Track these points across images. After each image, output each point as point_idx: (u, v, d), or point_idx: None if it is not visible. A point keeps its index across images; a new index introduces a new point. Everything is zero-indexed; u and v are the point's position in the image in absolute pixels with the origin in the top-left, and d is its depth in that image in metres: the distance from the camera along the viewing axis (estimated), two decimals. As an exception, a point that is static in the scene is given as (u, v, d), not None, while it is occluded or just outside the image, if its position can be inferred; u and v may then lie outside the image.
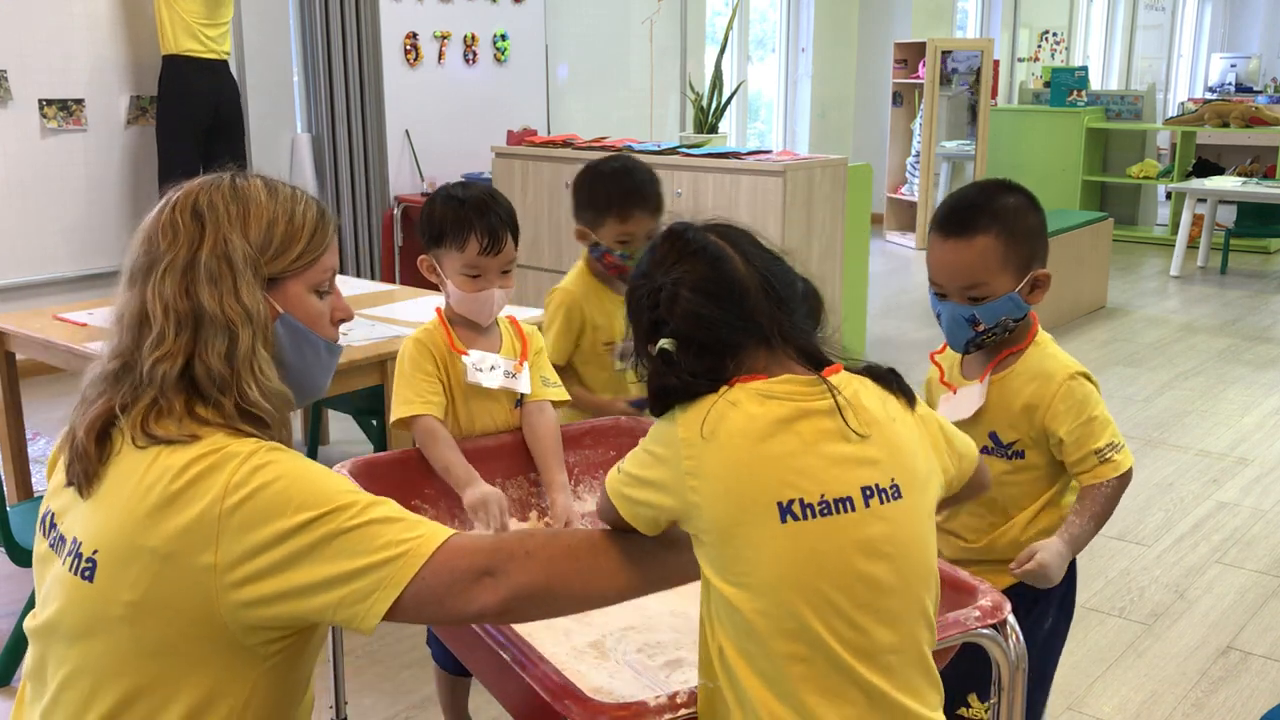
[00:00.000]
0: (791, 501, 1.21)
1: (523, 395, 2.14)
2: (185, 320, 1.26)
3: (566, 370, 2.44)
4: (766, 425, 1.23)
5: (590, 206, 2.47)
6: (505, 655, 1.43)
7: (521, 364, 2.15)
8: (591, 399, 2.44)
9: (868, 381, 1.32)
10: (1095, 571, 3.31)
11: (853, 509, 1.23)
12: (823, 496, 1.22)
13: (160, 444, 1.23)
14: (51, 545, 1.31)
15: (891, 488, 1.26)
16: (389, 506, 1.24)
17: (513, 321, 2.21)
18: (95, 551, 1.23)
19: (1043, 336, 1.89)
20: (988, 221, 1.77)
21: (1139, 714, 2.60)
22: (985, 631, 1.49)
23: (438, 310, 2.15)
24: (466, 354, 2.08)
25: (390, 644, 2.79)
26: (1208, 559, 3.40)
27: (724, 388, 1.27)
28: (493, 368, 2.11)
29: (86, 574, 1.23)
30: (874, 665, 1.23)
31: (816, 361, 1.30)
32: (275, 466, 1.22)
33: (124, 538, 1.21)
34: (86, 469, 1.26)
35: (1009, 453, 1.87)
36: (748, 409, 1.24)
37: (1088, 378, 1.86)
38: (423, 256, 2.12)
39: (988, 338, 1.83)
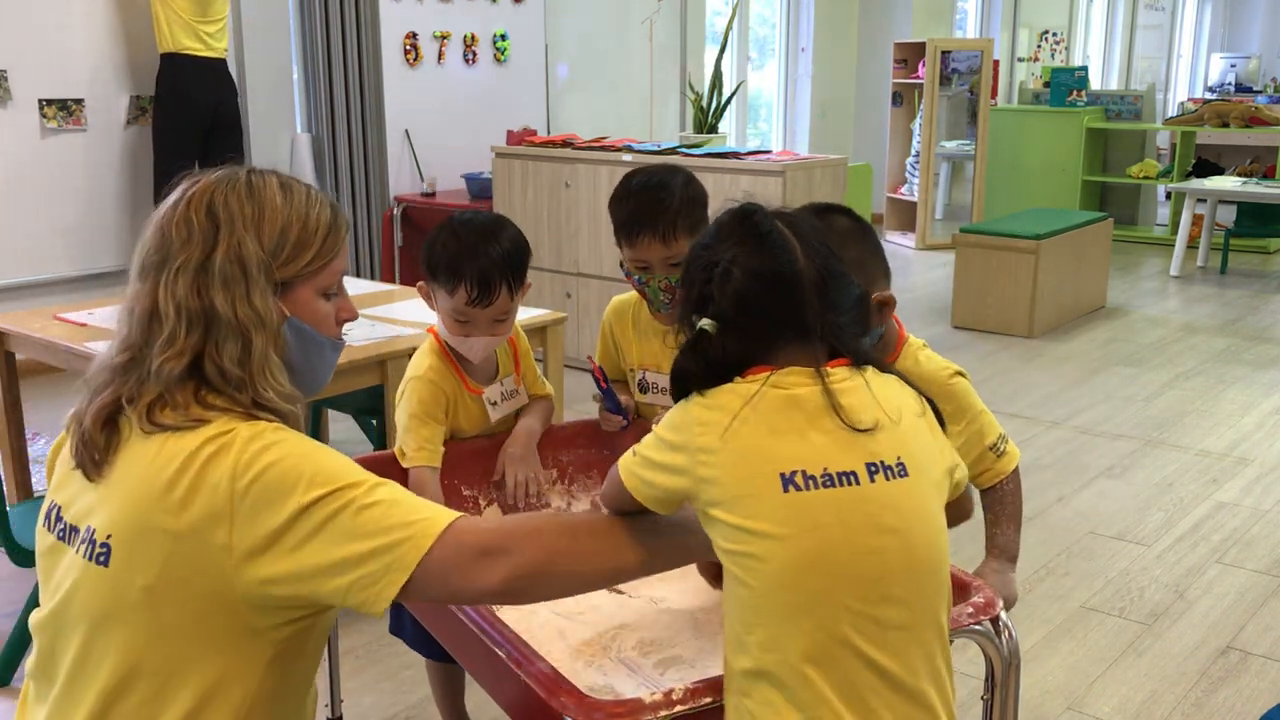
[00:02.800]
0: (794, 473, 1.23)
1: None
2: (197, 320, 1.27)
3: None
4: (776, 408, 1.26)
5: (613, 223, 2.28)
6: (501, 653, 1.43)
7: (519, 376, 2.18)
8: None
9: (881, 375, 1.33)
10: (1095, 571, 3.31)
11: (857, 483, 1.24)
12: (825, 469, 1.24)
13: (167, 430, 1.25)
14: (60, 537, 1.32)
15: (897, 465, 1.27)
16: (394, 488, 1.26)
17: None
18: (109, 536, 1.24)
19: (913, 342, 1.86)
20: None
21: (1139, 714, 2.60)
22: (978, 628, 1.49)
23: (435, 335, 2.09)
24: (482, 393, 2.10)
25: (390, 643, 2.79)
26: (1208, 559, 3.40)
27: (737, 378, 1.29)
28: (502, 398, 2.14)
29: (101, 559, 1.24)
30: (880, 644, 1.23)
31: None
32: (282, 445, 1.23)
33: (138, 520, 1.22)
34: (94, 455, 1.27)
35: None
36: (761, 396, 1.26)
37: (963, 376, 1.84)
38: (421, 283, 2.07)
39: None
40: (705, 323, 1.31)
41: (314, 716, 1.46)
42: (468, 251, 1.94)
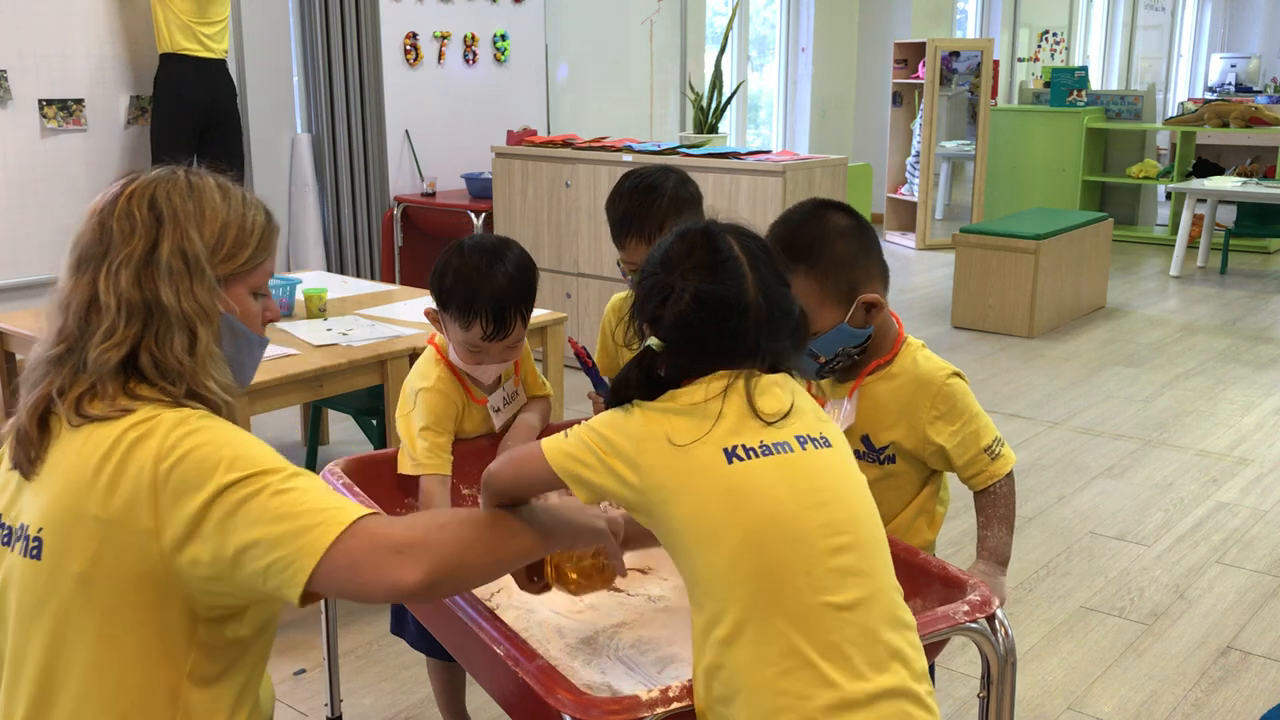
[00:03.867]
0: (735, 446, 1.32)
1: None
2: (137, 312, 1.29)
3: None
4: (706, 404, 1.34)
5: (609, 224, 2.28)
6: (499, 651, 1.43)
7: (518, 379, 2.19)
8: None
9: (793, 382, 1.43)
10: (1095, 571, 3.31)
11: (790, 450, 1.34)
12: (762, 441, 1.33)
13: (94, 421, 1.26)
14: (3, 542, 1.32)
15: (820, 438, 1.38)
16: (311, 478, 1.27)
17: None
18: (40, 530, 1.25)
19: (912, 342, 1.87)
20: (794, 261, 1.70)
21: (1139, 714, 2.60)
22: (974, 625, 1.49)
23: (437, 347, 2.09)
24: (487, 402, 2.11)
25: (390, 643, 2.79)
26: (1208, 559, 3.39)
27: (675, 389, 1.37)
28: (504, 403, 2.15)
29: (34, 553, 1.25)
30: (841, 589, 1.29)
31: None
32: (205, 431, 1.25)
33: (67, 509, 1.24)
34: (29, 452, 1.29)
35: (881, 458, 1.86)
36: (696, 399, 1.35)
37: (961, 377, 1.85)
38: (430, 309, 2.05)
39: (836, 364, 1.82)
40: (652, 342, 1.40)
41: (270, 712, 1.46)
42: (481, 287, 1.93)
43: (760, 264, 1.39)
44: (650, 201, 2.08)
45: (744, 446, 1.32)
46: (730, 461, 1.31)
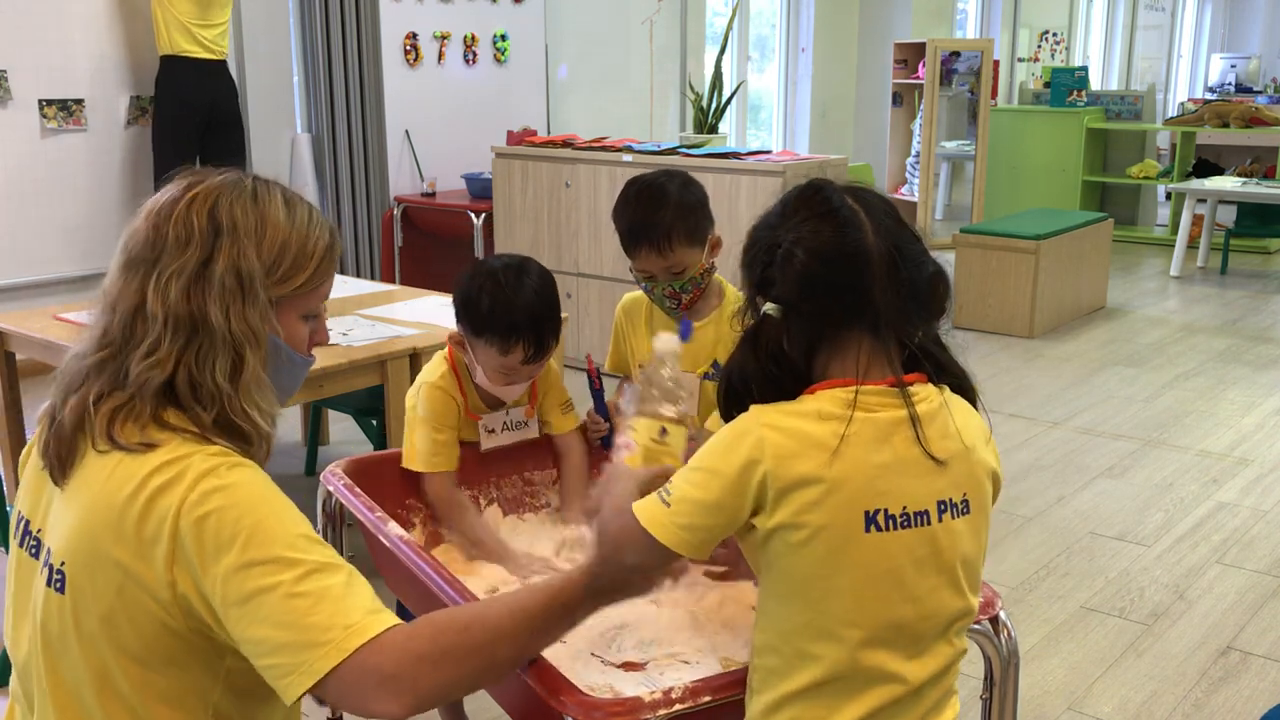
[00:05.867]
0: (877, 511, 1.20)
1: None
2: (183, 328, 1.22)
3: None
4: (868, 438, 1.21)
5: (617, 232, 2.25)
6: (502, 653, 1.42)
7: (533, 408, 2.16)
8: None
9: (954, 397, 1.30)
10: (1095, 571, 3.31)
11: (928, 523, 1.23)
12: (905, 508, 1.21)
13: (120, 450, 1.21)
14: (31, 552, 1.30)
15: (963, 502, 1.26)
16: (327, 575, 1.18)
17: None
18: (63, 563, 1.22)
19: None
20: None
21: (1139, 714, 2.60)
22: (977, 627, 1.49)
23: (451, 358, 2.07)
24: (480, 419, 2.09)
25: (389, 643, 2.79)
26: (1208, 559, 3.39)
27: (804, 395, 1.23)
28: (503, 428, 2.13)
29: (59, 585, 1.22)
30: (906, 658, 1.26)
31: (913, 362, 1.28)
32: (233, 490, 1.18)
33: (90, 547, 1.20)
34: (62, 455, 1.24)
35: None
36: (828, 415, 1.21)
37: None
38: (454, 333, 2.03)
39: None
40: (770, 307, 1.24)
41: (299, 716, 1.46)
42: (525, 315, 1.91)
43: (879, 214, 1.25)
44: (655, 210, 2.07)
45: (886, 514, 1.19)
46: (868, 529, 1.19)
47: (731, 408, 1.28)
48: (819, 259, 1.22)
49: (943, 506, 1.23)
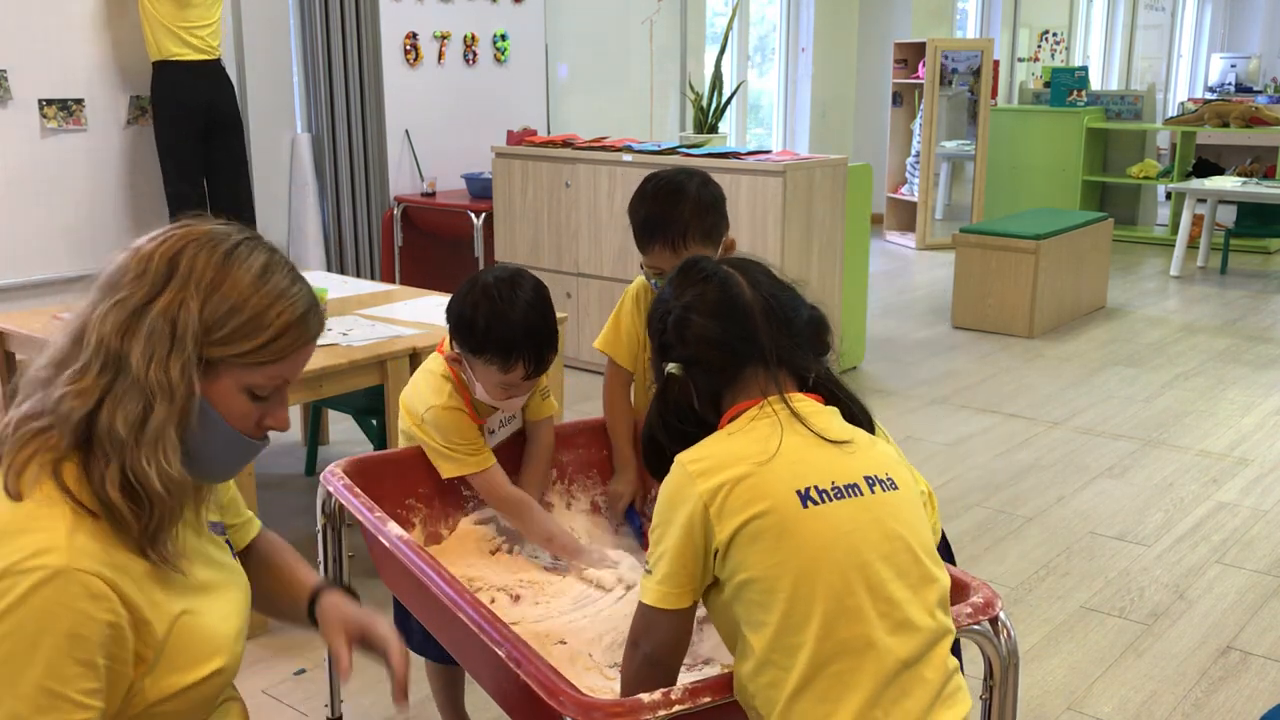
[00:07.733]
0: (808, 488, 1.31)
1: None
2: (110, 363, 1.20)
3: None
4: (764, 437, 1.35)
5: (631, 227, 2.25)
6: (501, 653, 1.43)
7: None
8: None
9: (838, 414, 1.44)
10: (1095, 571, 3.31)
11: (860, 494, 1.34)
12: (833, 483, 1.33)
13: (7, 495, 1.17)
14: None
15: (887, 479, 1.38)
16: None
17: None
18: None
19: None
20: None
21: (1139, 714, 2.60)
22: (977, 628, 1.49)
23: (451, 369, 2.07)
24: (484, 422, 2.11)
25: (389, 643, 2.79)
26: (1208, 559, 3.39)
27: (719, 428, 1.39)
28: (500, 425, 2.16)
29: None
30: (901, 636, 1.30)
31: (806, 385, 1.44)
32: (20, 612, 1.12)
33: None
34: None
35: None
36: (737, 430, 1.37)
37: None
38: (453, 351, 2.02)
39: None
40: (672, 366, 1.43)
41: None
42: (525, 332, 1.92)
43: (753, 274, 1.45)
44: (674, 204, 2.07)
45: (817, 488, 1.32)
46: (805, 505, 1.31)
47: (653, 462, 1.46)
48: (708, 314, 1.42)
49: (871, 481, 1.35)
